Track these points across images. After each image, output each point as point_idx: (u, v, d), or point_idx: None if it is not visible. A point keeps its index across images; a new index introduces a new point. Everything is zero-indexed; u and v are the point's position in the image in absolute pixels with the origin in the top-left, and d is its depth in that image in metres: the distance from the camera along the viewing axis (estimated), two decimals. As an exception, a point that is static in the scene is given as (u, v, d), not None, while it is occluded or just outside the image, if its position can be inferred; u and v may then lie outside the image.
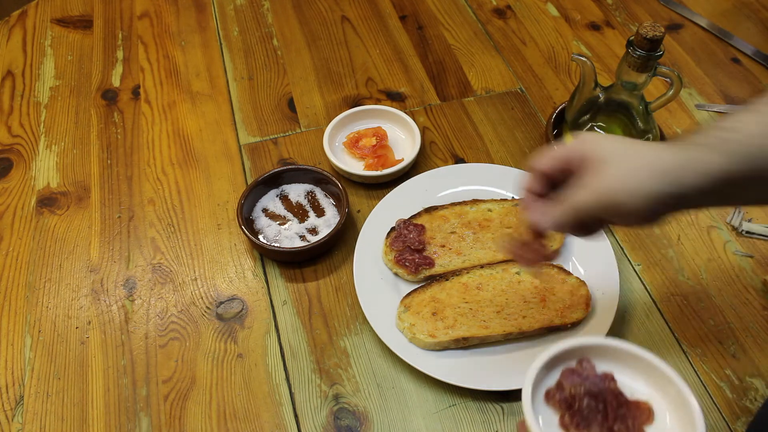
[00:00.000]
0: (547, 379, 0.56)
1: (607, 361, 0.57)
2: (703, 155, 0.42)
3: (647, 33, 0.65)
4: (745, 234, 0.76)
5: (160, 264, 0.74)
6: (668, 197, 0.42)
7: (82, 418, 0.62)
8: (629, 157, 0.44)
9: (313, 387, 0.64)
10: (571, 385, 0.55)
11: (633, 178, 0.43)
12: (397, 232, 0.72)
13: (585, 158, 0.46)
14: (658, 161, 0.43)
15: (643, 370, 0.57)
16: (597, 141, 0.46)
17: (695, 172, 0.42)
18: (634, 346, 0.57)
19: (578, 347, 0.57)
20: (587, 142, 0.46)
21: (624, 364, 0.57)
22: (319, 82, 0.94)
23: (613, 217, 0.45)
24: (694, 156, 0.42)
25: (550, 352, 0.55)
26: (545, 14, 1.05)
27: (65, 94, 0.92)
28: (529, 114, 0.90)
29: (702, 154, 0.42)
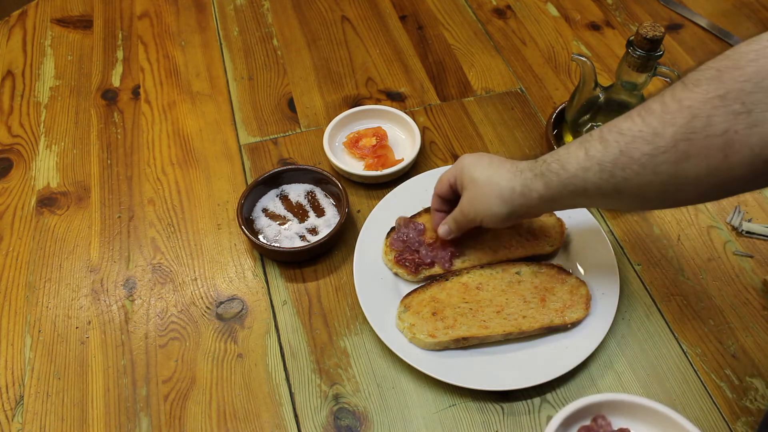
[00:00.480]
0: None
1: (623, 416, 0.57)
2: (533, 184, 0.57)
3: (647, 33, 0.65)
4: (745, 234, 0.76)
5: (160, 264, 0.74)
6: (511, 213, 0.60)
7: (82, 418, 0.62)
8: (482, 187, 0.60)
9: (313, 387, 0.64)
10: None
11: (486, 203, 0.60)
12: (397, 232, 0.72)
13: (460, 184, 0.63)
14: (501, 191, 0.59)
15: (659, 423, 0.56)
16: (467, 168, 0.62)
17: (525, 197, 0.58)
18: (650, 400, 0.57)
19: (593, 404, 0.56)
20: (461, 170, 0.63)
21: (640, 419, 0.57)
22: (319, 82, 0.94)
23: (481, 224, 0.63)
24: (525, 184, 0.58)
25: (565, 411, 0.55)
26: (545, 14, 1.05)
27: (65, 94, 0.92)
28: (529, 114, 0.90)
29: (532, 183, 0.57)
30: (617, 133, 0.51)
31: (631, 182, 0.50)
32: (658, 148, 0.48)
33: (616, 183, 0.51)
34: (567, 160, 0.54)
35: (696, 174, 0.47)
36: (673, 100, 0.48)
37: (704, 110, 0.46)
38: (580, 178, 0.53)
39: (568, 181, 0.54)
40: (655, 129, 0.48)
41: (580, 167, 0.53)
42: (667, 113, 0.48)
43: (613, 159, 0.51)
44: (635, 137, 0.49)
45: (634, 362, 0.66)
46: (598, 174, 0.52)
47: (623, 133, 0.50)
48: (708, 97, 0.46)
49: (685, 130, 0.46)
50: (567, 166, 0.54)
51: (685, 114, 0.46)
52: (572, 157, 0.54)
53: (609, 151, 0.51)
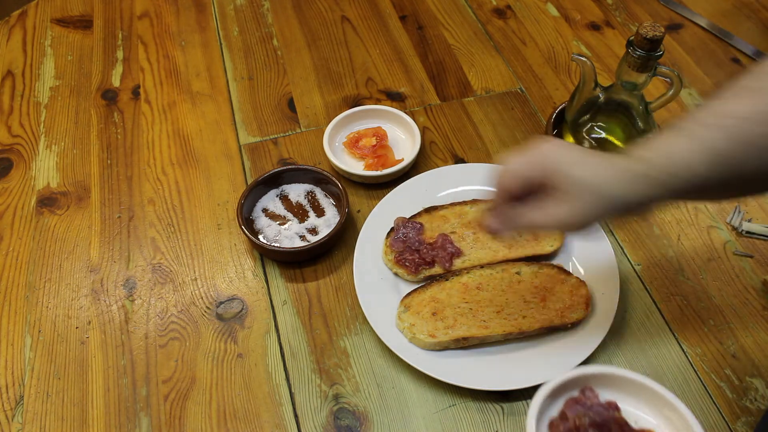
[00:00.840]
0: (550, 409, 0.56)
1: (611, 389, 0.57)
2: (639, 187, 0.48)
3: (647, 33, 0.65)
4: (745, 234, 0.76)
5: (160, 264, 0.74)
6: (603, 217, 0.51)
7: (82, 418, 0.62)
8: (582, 189, 0.49)
9: (313, 387, 0.64)
10: (575, 415, 0.54)
11: (585, 210, 0.50)
12: (397, 232, 0.72)
13: (545, 180, 0.51)
14: (605, 194, 0.49)
15: (647, 397, 0.57)
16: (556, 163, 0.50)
17: (625, 200, 0.49)
18: (638, 374, 0.57)
19: (581, 376, 0.56)
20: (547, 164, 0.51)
21: (627, 392, 0.57)
22: (319, 82, 0.94)
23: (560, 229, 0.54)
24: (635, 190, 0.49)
25: (553, 382, 0.55)
26: (545, 14, 1.05)
27: (65, 94, 0.92)
28: (529, 114, 0.90)
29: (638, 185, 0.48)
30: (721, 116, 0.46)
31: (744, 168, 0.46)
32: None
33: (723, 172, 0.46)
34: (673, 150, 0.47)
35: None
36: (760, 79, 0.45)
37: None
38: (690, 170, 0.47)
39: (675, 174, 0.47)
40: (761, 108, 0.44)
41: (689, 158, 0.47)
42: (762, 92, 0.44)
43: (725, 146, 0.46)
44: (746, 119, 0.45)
45: (634, 362, 0.66)
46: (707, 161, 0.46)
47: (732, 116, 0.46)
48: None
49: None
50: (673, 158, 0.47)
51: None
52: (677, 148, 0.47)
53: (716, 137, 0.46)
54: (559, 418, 0.56)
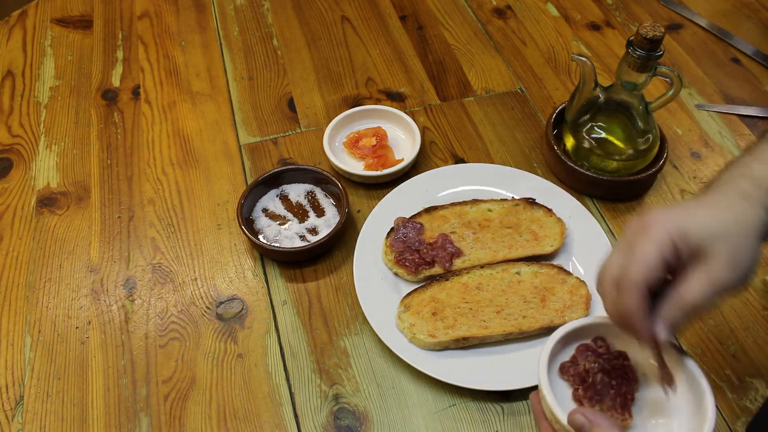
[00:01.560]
0: (562, 353, 0.57)
1: (622, 341, 0.57)
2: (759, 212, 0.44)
3: (647, 33, 0.65)
4: (745, 234, 0.76)
5: (160, 264, 0.74)
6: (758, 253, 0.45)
7: (82, 418, 0.62)
8: (729, 244, 0.44)
9: (313, 387, 0.64)
10: (585, 360, 0.55)
11: (740, 262, 0.44)
12: (397, 232, 0.72)
13: (687, 250, 0.44)
14: (755, 224, 0.44)
15: None
16: (694, 222, 0.45)
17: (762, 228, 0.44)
18: None
19: (594, 324, 0.57)
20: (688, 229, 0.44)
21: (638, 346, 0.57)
22: (319, 82, 0.94)
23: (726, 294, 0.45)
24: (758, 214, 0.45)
25: (567, 327, 0.56)
26: (545, 14, 1.05)
27: (65, 94, 0.92)
28: (529, 114, 0.90)
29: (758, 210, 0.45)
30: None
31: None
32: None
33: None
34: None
35: None
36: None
37: None
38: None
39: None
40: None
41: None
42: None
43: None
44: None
45: (634, 362, 0.66)
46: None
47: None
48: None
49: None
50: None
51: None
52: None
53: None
54: (570, 361, 0.56)
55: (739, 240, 0.44)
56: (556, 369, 0.56)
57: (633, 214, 0.78)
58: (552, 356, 0.55)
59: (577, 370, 0.55)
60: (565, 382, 0.56)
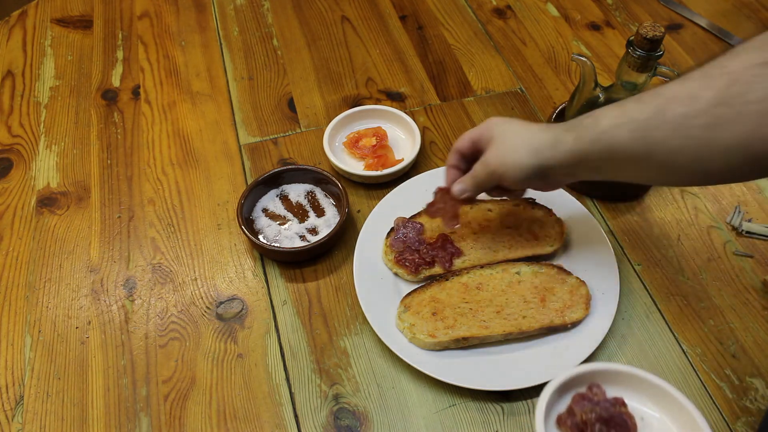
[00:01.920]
0: (558, 404, 0.57)
1: (617, 386, 0.57)
2: (562, 136, 0.55)
3: (647, 33, 0.65)
4: (745, 234, 0.76)
5: (160, 264, 0.74)
6: (537, 168, 0.56)
7: (82, 418, 0.62)
8: (512, 138, 0.58)
9: (313, 387, 0.64)
10: (582, 410, 0.55)
11: (513, 154, 0.57)
12: (397, 232, 0.72)
13: (485, 138, 0.61)
14: (531, 141, 0.56)
15: (652, 394, 0.57)
16: (495, 123, 0.60)
17: (554, 150, 0.55)
18: (643, 371, 0.58)
19: (588, 372, 0.57)
20: (488, 125, 0.60)
21: (633, 388, 0.57)
22: (319, 82, 0.94)
23: (501, 182, 0.60)
24: (556, 136, 0.55)
25: (561, 378, 0.56)
26: (545, 14, 1.05)
27: (65, 94, 0.92)
28: (529, 114, 0.90)
29: (562, 134, 0.55)
30: (654, 94, 0.50)
31: (662, 145, 0.49)
32: (693, 110, 0.47)
33: (647, 144, 0.50)
34: (601, 116, 0.53)
35: (727, 143, 0.46)
36: (716, 66, 0.47)
37: (744, 76, 0.45)
38: (612, 134, 0.52)
39: (599, 137, 0.52)
40: (692, 92, 0.47)
41: (613, 123, 0.52)
42: (706, 78, 0.47)
43: (646, 117, 0.49)
44: (672, 98, 0.49)
45: (634, 362, 0.66)
46: (631, 132, 0.50)
47: (660, 95, 0.50)
48: (750, 64, 0.45)
49: (724, 94, 0.46)
50: (600, 121, 0.53)
51: (725, 79, 0.46)
52: (606, 113, 0.53)
53: (644, 110, 0.50)
54: (566, 413, 0.56)
55: (512, 140, 0.58)
56: (552, 421, 0.56)
57: (633, 214, 0.78)
58: (548, 408, 0.55)
59: (575, 420, 0.55)
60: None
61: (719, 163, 0.48)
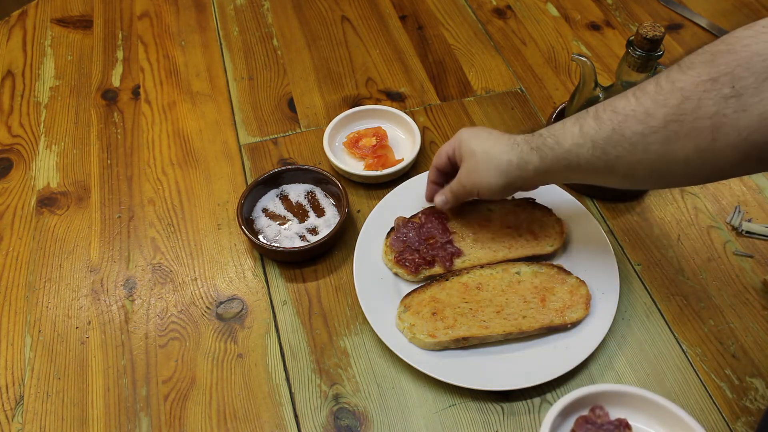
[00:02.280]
0: (562, 427, 0.56)
1: (621, 407, 0.57)
2: (529, 157, 0.59)
3: (647, 33, 0.65)
4: (745, 234, 0.76)
5: (160, 264, 0.74)
6: (507, 186, 0.62)
7: (82, 418, 0.62)
8: (481, 160, 0.62)
9: (313, 387, 0.64)
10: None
11: (483, 175, 0.62)
12: (397, 232, 0.72)
13: (458, 156, 0.65)
14: (499, 163, 0.61)
15: (657, 414, 0.57)
16: (466, 140, 0.64)
17: (521, 169, 0.60)
18: (647, 391, 0.58)
19: (592, 394, 0.57)
20: (460, 142, 0.65)
21: (638, 409, 0.57)
22: (319, 82, 0.94)
23: (478, 196, 0.65)
24: (521, 157, 0.59)
25: (564, 400, 0.56)
26: (545, 14, 1.05)
27: (65, 94, 0.92)
28: (529, 114, 0.90)
29: (528, 156, 0.59)
30: (611, 111, 0.52)
31: (622, 160, 0.52)
32: (649, 127, 0.49)
33: (607, 160, 0.53)
34: (562, 136, 0.56)
35: (685, 155, 0.48)
36: (668, 81, 0.49)
37: (695, 93, 0.46)
38: (574, 153, 0.55)
39: (562, 156, 0.56)
40: (647, 109, 0.49)
41: (574, 143, 0.55)
42: (660, 94, 0.49)
43: (605, 137, 0.52)
44: (628, 116, 0.51)
45: (634, 362, 0.66)
46: (591, 151, 0.53)
47: (617, 112, 0.52)
48: (700, 80, 0.46)
49: (676, 111, 0.47)
50: (562, 141, 0.56)
51: (677, 96, 0.47)
52: (567, 133, 0.55)
53: (602, 129, 0.52)
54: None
55: (480, 162, 0.62)
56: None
57: (633, 214, 0.78)
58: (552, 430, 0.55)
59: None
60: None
61: (678, 173, 0.51)
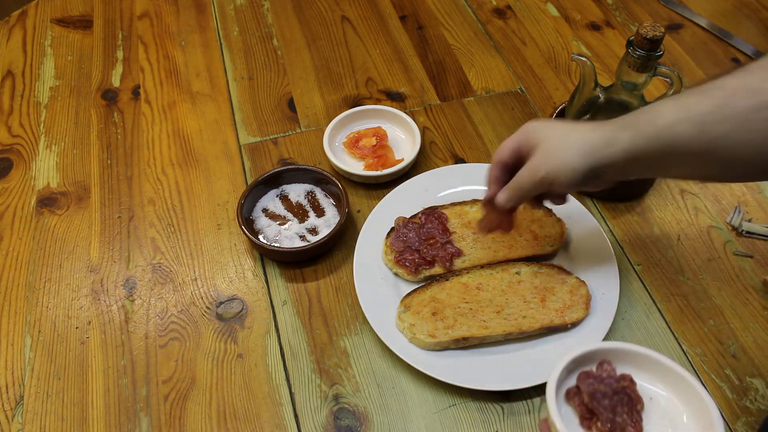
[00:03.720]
0: (568, 379, 0.57)
1: (627, 364, 0.57)
2: (617, 134, 0.52)
3: (647, 33, 0.65)
4: (745, 234, 0.76)
5: (160, 264, 0.74)
6: (591, 170, 0.53)
7: (82, 418, 0.62)
8: (561, 141, 0.54)
9: (313, 387, 0.64)
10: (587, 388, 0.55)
11: (565, 157, 0.54)
12: (397, 232, 0.72)
13: (528, 144, 0.57)
14: (583, 141, 0.53)
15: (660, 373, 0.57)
16: (536, 128, 0.57)
17: (609, 148, 0.52)
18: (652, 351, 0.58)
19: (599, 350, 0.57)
20: (529, 131, 0.57)
21: (642, 367, 0.58)
22: (319, 82, 0.94)
23: (551, 187, 0.56)
24: (610, 135, 0.52)
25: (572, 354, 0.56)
26: (545, 14, 1.05)
27: (65, 94, 0.92)
28: (529, 114, 0.90)
29: (617, 133, 0.52)
30: (714, 86, 0.48)
31: (726, 139, 0.47)
32: (758, 102, 0.46)
33: (708, 140, 0.48)
34: (658, 112, 0.50)
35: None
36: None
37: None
38: (673, 130, 0.49)
39: (659, 134, 0.50)
40: (755, 84, 0.46)
41: (674, 119, 0.49)
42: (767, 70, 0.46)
43: (709, 111, 0.47)
44: (736, 90, 0.47)
45: (634, 362, 0.66)
46: (692, 127, 0.48)
47: (721, 87, 0.48)
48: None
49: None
50: (659, 116, 0.50)
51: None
52: (664, 109, 0.50)
53: (706, 103, 0.48)
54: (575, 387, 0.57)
55: (561, 142, 0.54)
56: (562, 395, 0.57)
57: (633, 214, 0.78)
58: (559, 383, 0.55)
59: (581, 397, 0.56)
60: (572, 408, 0.56)
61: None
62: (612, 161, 0.53)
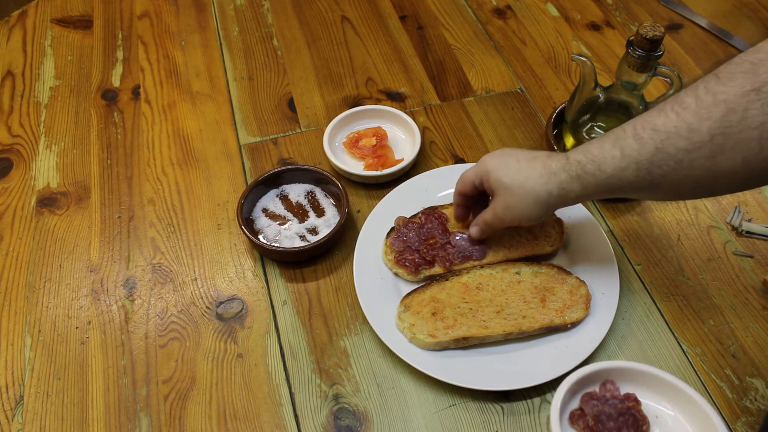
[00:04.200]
0: (572, 401, 0.57)
1: (631, 383, 0.57)
2: (569, 186, 0.57)
3: (647, 33, 0.65)
4: (745, 234, 0.76)
5: (160, 264, 0.74)
6: (547, 212, 0.61)
7: (82, 418, 0.62)
8: (517, 192, 0.60)
9: (313, 387, 0.64)
10: (591, 410, 0.55)
11: (524, 209, 0.60)
12: (397, 231, 0.72)
13: (488, 185, 0.63)
14: (537, 194, 0.59)
15: (666, 390, 0.57)
16: (496, 174, 0.61)
17: (562, 198, 0.58)
18: (656, 368, 0.58)
19: (603, 370, 0.57)
20: (490, 174, 0.62)
21: (646, 385, 0.58)
22: (319, 82, 0.94)
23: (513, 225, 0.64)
24: (564, 188, 0.57)
25: (574, 376, 0.56)
26: (545, 14, 1.05)
27: (65, 94, 0.92)
28: (529, 114, 0.90)
29: (569, 185, 0.57)
30: (651, 129, 0.51)
31: (667, 178, 0.51)
32: (694, 143, 0.48)
33: (652, 180, 0.52)
34: (602, 161, 0.54)
35: (731, 167, 0.48)
36: (708, 93, 0.48)
37: (740, 104, 0.46)
38: (618, 177, 0.53)
39: (606, 182, 0.54)
40: (690, 124, 0.48)
41: (617, 167, 0.53)
42: (701, 108, 0.48)
43: (649, 157, 0.51)
44: (671, 133, 0.49)
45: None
46: (635, 173, 0.52)
47: (658, 130, 0.50)
48: (744, 91, 0.46)
49: (721, 124, 0.47)
50: (603, 167, 0.54)
51: (720, 108, 0.47)
52: (607, 156, 0.54)
53: (645, 149, 0.51)
54: (579, 409, 0.57)
55: (518, 196, 0.60)
56: (566, 418, 0.56)
57: (633, 214, 0.78)
58: (562, 406, 0.55)
59: (585, 420, 0.55)
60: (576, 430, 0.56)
61: (723, 185, 0.50)
62: (565, 203, 0.59)
